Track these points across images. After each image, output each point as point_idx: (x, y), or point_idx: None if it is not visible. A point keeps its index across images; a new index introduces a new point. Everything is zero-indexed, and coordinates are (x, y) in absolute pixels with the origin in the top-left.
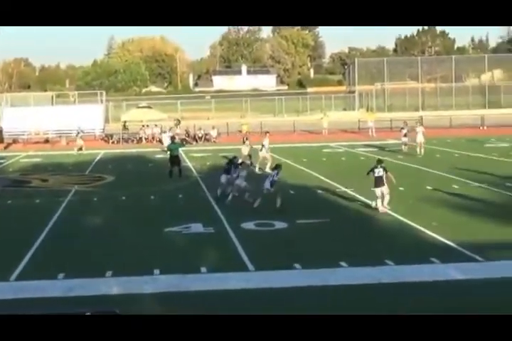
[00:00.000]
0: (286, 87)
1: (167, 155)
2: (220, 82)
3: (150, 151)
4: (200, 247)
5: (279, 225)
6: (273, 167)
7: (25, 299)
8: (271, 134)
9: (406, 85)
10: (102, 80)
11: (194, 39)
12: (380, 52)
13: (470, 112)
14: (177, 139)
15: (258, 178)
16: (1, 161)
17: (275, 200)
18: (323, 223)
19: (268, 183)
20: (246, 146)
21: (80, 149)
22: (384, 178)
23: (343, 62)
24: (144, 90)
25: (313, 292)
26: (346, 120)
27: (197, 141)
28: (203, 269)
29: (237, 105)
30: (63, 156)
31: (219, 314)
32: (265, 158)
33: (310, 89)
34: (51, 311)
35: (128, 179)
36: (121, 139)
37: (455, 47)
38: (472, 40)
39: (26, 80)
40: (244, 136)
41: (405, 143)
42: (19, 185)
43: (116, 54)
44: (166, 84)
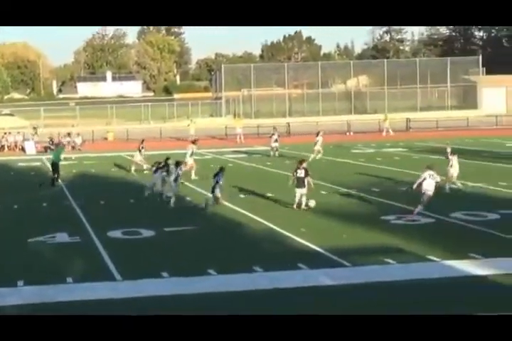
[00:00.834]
0: (152, 94)
1: (30, 163)
2: (85, 89)
3: (13, 160)
4: (65, 257)
5: (147, 233)
6: (217, 171)
7: None
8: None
9: (273, 91)
10: None
11: (58, 45)
12: (247, 58)
13: (336, 118)
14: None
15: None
16: None
17: (145, 209)
18: (192, 230)
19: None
20: (140, 154)
21: None
22: (304, 180)
23: (210, 68)
24: (6, 97)
25: (183, 300)
26: (213, 126)
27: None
28: (69, 279)
29: (102, 112)
30: None
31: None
32: (192, 166)
33: (176, 95)
34: None
35: None
36: None
37: (321, 53)
38: (338, 47)
39: None
40: (140, 144)
41: (276, 148)
42: None
43: None
44: (29, 90)
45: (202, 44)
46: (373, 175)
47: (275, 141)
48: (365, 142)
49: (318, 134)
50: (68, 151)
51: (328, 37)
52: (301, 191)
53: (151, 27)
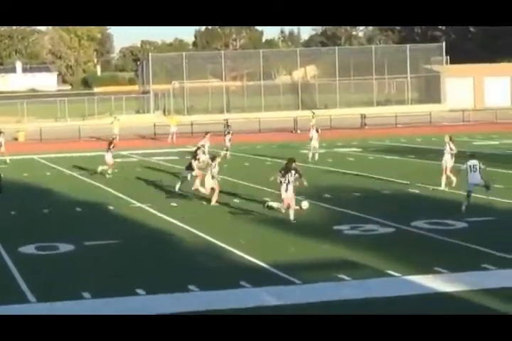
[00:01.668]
0: (69, 87)
1: None
2: None
3: None
4: None
5: (65, 248)
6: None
7: None
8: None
9: (208, 84)
10: None
11: None
12: (178, 46)
13: (281, 114)
14: None
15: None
16: None
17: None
18: (116, 244)
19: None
20: (110, 152)
21: None
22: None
23: (135, 57)
24: None
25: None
26: (140, 124)
27: None
28: None
29: (11, 108)
30: None
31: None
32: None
33: (97, 89)
34: None
35: None
36: None
37: (263, 40)
38: (282, 33)
39: None
40: (110, 142)
41: (227, 148)
42: None
43: None
44: None
45: (126, 30)
46: (324, 179)
47: (229, 140)
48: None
49: (312, 129)
50: None
51: None
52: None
53: None
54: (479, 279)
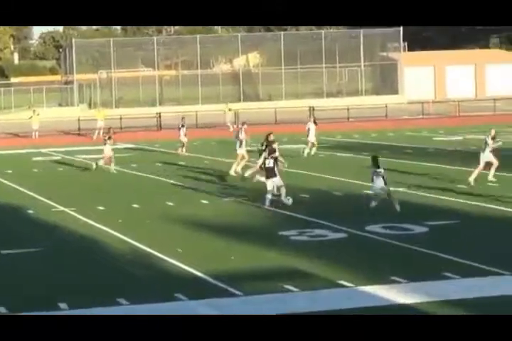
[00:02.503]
0: None
1: None
2: None
3: None
4: None
5: None
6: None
7: None
8: None
9: (139, 73)
10: None
11: None
12: (105, 31)
13: (221, 107)
14: None
15: None
16: None
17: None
18: (37, 253)
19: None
20: (109, 145)
21: None
22: (275, 169)
23: (57, 44)
24: None
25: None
26: (63, 118)
27: None
28: None
29: None
30: None
31: None
32: (243, 157)
33: (14, 79)
34: None
35: None
36: None
37: None
38: None
39: None
40: (105, 136)
41: (184, 143)
42: None
43: None
44: None
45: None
46: None
47: (185, 135)
48: (257, 137)
49: (310, 121)
50: None
51: None
52: (273, 181)
53: None
54: (441, 289)
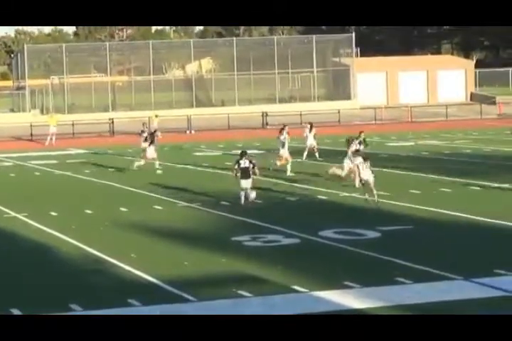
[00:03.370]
0: None
1: None
2: None
3: None
4: None
5: None
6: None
7: None
8: None
9: (91, 79)
10: None
11: None
12: (57, 36)
13: (173, 112)
14: None
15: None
16: None
17: None
18: None
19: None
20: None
21: None
22: (250, 170)
23: (9, 49)
24: None
25: None
26: (15, 124)
27: None
28: None
29: None
30: None
31: None
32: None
33: None
34: None
35: None
36: None
37: (153, 29)
38: None
39: None
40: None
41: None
42: None
43: None
44: None
45: None
46: (222, 184)
47: (145, 140)
48: (210, 142)
49: (309, 127)
50: None
51: None
52: (246, 182)
53: None
54: (394, 294)
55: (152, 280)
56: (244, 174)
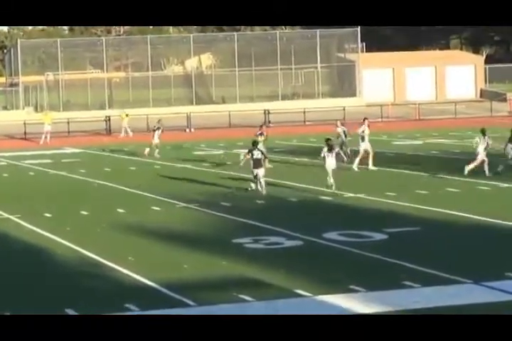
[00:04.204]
0: None
1: None
2: None
3: None
4: None
5: None
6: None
7: None
8: None
9: (87, 75)
10: None
11: None
12: (52, 31)
13: (172, 110)
14: None
15: None
16: None
17: None
18: None
19: None
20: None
21: None
22: (262, 161)
23: (2, 44)
24: None
25: None
26: (8, 122)
27: None
28: None
29: None
30: None
31: None
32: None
33: None
34: None
35: None
36: None
37: None
38: None
39: None
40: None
41: (157, 145)
42: None
43: None
44: None
45: None
46: (222, 185)
47: (159, 137)
48: (211, 141)
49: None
50: None
51: None
52: (257, 171)
53: None
54: (400, 298)
55: (150, 283)
56: (256, 164)
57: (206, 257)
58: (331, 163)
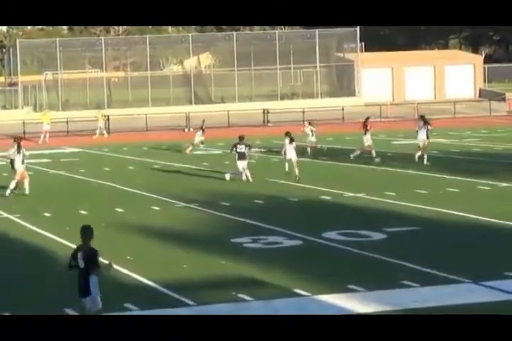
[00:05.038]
0: None
1: None
2: None
3: None
4: None
5: None
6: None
7: None
8: None
9: (86, 75)
10: None
11: None
12: (51, 31)
13: (171, 109)
14: None
15: None
16: None
17: None
18: None
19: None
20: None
21: None
22: (246, 153)
23: (1, 44)
24: None
25: None
26: (7, 122)
27: None
28: None
29: None
30: None
31: None
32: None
33: None
34: None
35: None
36: None
37: None
38: None
39: None
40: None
41: (201, 142)
42: None
43: None
44: None
45: None
46: (221, 185)
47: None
48: (210, 141)
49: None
50: None
51: None
52: (243, 163)
53: None
54: (399, 298)
55: (149, 283)
56: (240, 157)
57: (205, 257)
58: (293, 155)
